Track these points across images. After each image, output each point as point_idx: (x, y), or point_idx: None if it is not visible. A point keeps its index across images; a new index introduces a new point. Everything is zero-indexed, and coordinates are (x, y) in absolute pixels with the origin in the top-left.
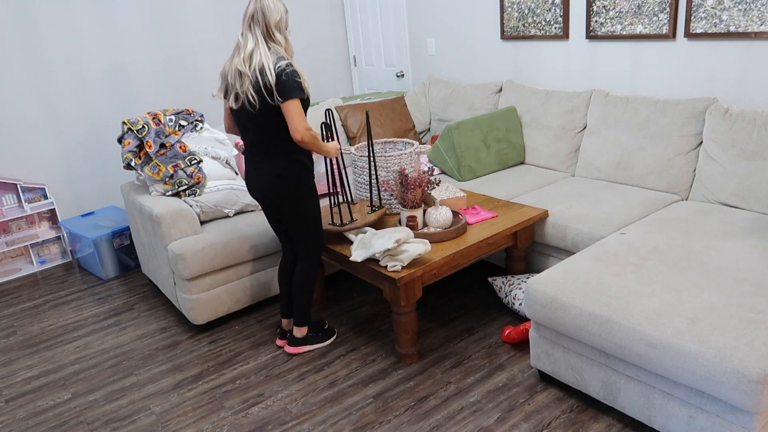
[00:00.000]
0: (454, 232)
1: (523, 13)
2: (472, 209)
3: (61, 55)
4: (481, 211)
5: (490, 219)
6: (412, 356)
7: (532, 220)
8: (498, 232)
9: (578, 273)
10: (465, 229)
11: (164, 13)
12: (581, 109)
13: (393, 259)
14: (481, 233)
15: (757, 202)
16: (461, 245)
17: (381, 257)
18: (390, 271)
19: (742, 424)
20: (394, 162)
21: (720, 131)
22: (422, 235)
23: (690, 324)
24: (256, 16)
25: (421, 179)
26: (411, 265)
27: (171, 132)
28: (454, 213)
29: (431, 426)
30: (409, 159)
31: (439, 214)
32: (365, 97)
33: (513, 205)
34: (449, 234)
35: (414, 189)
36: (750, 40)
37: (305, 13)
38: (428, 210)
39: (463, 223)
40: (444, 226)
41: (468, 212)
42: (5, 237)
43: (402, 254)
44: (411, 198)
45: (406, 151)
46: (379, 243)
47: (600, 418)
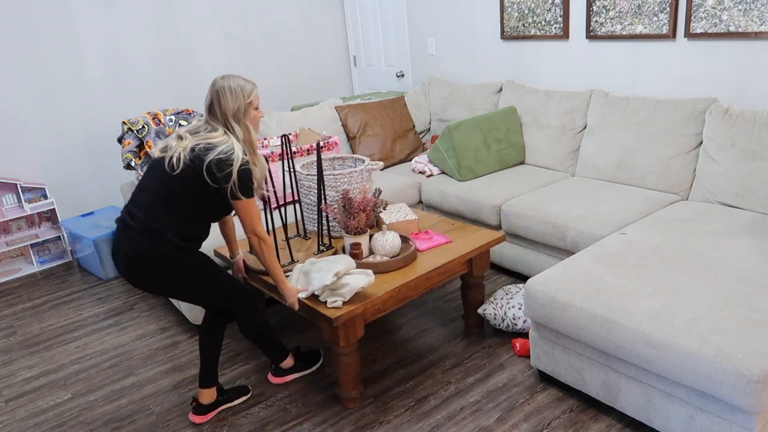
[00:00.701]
0: (402, 260)
1: (523, 13)
2: (425, 234)
3: (61, 55)
4: (434, 235)
5: (443, 245)
6: (354, 400)
7: (489, 245)
8: (451, 259)
9: (578, 273)
10: (414, 257)
11: (164, 13)
12: (581, 109)
13: (333, 294)
14: (433, 261)
15: (757, 202)
16: (409, 276)
17: (320, 292)
18: (330, 308)
19: (742, 424)
20: (342, 181)
21: (720, 131)
22: (366, 264)
23: (690, 324)
24: (213, 108)
25: (365, 203)
26: (352, 300)
27: (171, 132)
28: (403, 239)
29: (431, 426)
30: (359, 178)
31: (385, 241)
32: (365, 97)
33: (468, 228)
34: (396, 263)
35: (357, 214)
36: (750, 40)
37: (305, 13)
38: (374, 236)
39: (412, 251)
40: (391, 253)
41: (420, 237)
42: (5, 237)
43: (343, 288)
44: (354, 224)
45: (357, 169)
46: (317, 278)
47: (600, 418)
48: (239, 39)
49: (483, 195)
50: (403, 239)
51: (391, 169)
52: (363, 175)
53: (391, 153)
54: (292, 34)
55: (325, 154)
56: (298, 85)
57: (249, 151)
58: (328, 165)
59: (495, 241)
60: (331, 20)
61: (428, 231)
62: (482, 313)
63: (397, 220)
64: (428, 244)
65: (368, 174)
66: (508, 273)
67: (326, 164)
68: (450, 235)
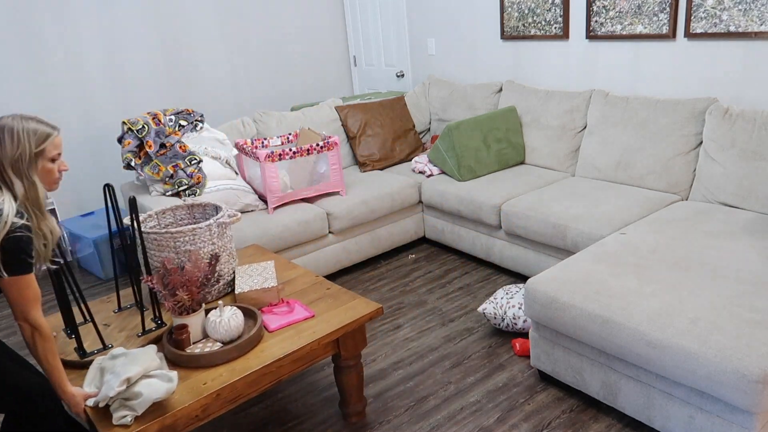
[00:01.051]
0: (235, 350)
1: (523, 13)
2: (285, 305)
3: (62, 55)
4: (296, 307)
5: (302, 321)
6: None
7: (361, 320)
8: (304, 344)
9: (578, 273)
10: (256, 342)
11: (164, 13)
12: (581, 109)
13: (124, 405)
14: (282, 347)
15: (757, 202)
16: (242, 372)
17: (111, 402)
18: (117, 425)
19: (742, 424)
20: (185, 240)
21: (720, 131)
22: (184, 357)
23: (690, 324)
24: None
25: (191, 276)
26: (150, 413)
27: (171, 132)
28: (249, 315)
29: (431, 426)
30: (206, 235)
31: (220, 324)
32: (365, 97)
33: (344, 296)
34: (226, 354)
35: (182, 289)
36: (750, 40)
37: (305, 13)
38: (209, 315)
39: (253, 335)
40: (230, 337)
41: (278, 309)
42: None
43: (137, 399)
44: (171, 304)
45: (201, 225)
46: (107, 383)
47: (600, 418)
48: (239, 39)
49: (483, 195)
50: (249, 316)
51: (391, 169)
52: (212, 231)
53: (391, 153)
54: (292, 33)
55: (193, 199)
56: (298, 85)
57: (32, 213)
58: (185, 215)
59: (369, 315)
60: (331, 20)
61: (289, 301)
62: (482, 313)
63: (251, 288)
64: (282, 322)
65: (223, 228)
66: (508, 273)
67: (183, 213)
68: (319, 304)
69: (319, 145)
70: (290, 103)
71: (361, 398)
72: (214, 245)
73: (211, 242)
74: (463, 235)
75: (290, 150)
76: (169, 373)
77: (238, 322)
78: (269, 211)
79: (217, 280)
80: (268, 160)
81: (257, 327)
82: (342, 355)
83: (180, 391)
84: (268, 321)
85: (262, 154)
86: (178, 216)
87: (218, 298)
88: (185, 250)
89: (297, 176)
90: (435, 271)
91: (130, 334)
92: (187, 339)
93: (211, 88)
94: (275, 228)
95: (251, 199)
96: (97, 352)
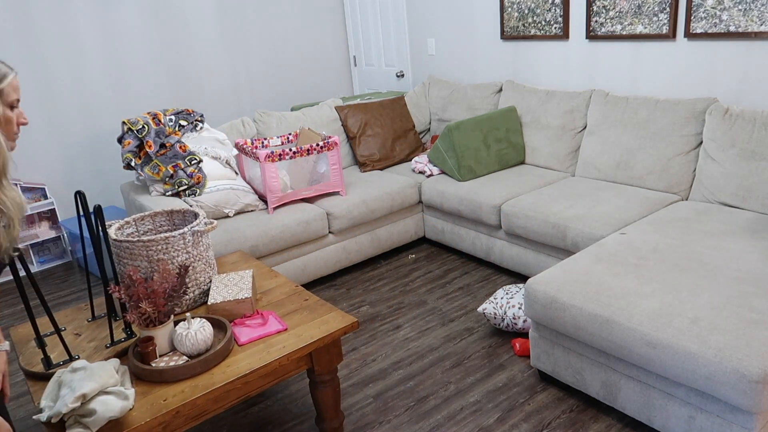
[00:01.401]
0: (200, 365)
1: (523, 13)
2: (259, 316)
3: (62, 55)
4: (270, 319)
5: (275, 334)
6: None
7: (335, 334)
8: (273, 359)
9: (578, 273)
10: (223, 357)
11: (164, 13)
12: (581, 109)
13: (79, 422)
14: (249, 362)
15: (757, 202)
16: (205, 388)
17: (66, 418)
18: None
19: (742, 424)
20: (157, 249)
21: (720, 131)
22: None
23: (690, 324)
24: None
25: (157, 287)
26: (107, 429)
27: (171, 132)
28: (220, 328)
29: (431, 426)
30: (179, 244)
31: (186, 337)
32: (365, 97)
33: (320, 309)
34: (190, 369)
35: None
36: (750, 40)
37: (305, 13)
38: (177, 327)
39: (220, 349)
40: (197, 351)
41: (251, 321)
42: None
43: (91, 416)
44: (133, 317)
45: (175, 234)
46: (61, 398)
47: (600, 418)
48: (239, 39)
49: (483, 195)
50: (219, 328)
51: (391, 169)
52: (186, 240)
53: (391, 153)
54: (292, 33)
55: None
56: (298, 85)
57: None
58: (164, 221)
59: (344, 329)
60: (331, 20)
61: (263, 313)
62: (483, 313)
63: (224, 299)
64: (254, 335)
65: (195, 238)
66: (508, 273)
67: (162, 220)
68: (294, 317)
69: (319, 145)
70: (290, 103)
71: (338, 414)
72: (188, 254)
73: (185, 251)
74: (463, 235)
75: (290, 150)
76: (126, 391)
77: (205, 335)
78: (269, 211)
79: (184, 292)
80: (268, 160)
81: (225, 340)
82: (316, 370)
83: (139, 407)
84: (240, 333)
85: (262, 154)
86: (158, 222)
87: (194, 308)
88: (158, 259)
89: (297, 176)
90: (435, 271)
91: (99, 345)
92: (153, 352)
93: (211, 88)
94: (275, 228)
95: (251, 199)
96: (62, 363)
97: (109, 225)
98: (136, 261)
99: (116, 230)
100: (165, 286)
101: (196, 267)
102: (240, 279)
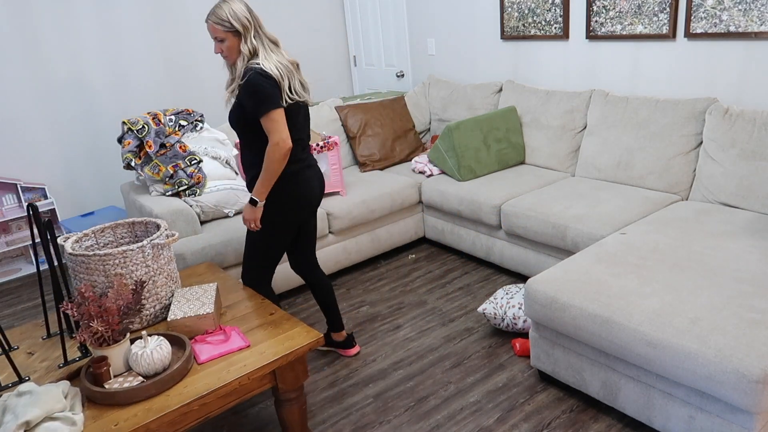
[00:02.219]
0: (155, 386)
1: (523, 13)
2: (221, 332)
3: (62, 55)
4: (232, 335)
5: (236, 351)
6: None
7: (299, 351)
8: (233, 379)
9: (578, 273)
10: (180, 377)
11: (164, 13)
12: (581, 109)
13: None
14: (207, 382)
15: (757, 202)
16: (159, 411)
17: None
18: None
19: (742, 424)
20: (115, 263)
21: (720, 131)
22: (102, 394)
23: (690, 324)
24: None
25: (110, 305)
26: None
27: (171, 132)
28: (179, 345)
29: (431, 426)
30: (137, 258)
31: (142, 356)
32: (365, 97)
33: (284, 324)
34: (144, 391)
35: (98, 320)
36: (750, 40)
37: (305, 13)
38: (133, 346)
39: (177, 369)
40: (154, 371)
41: (213, 338)
42: (5, 237)
43: None
44: (83, 336)
45: (132, 247)
46: (6, 424)
47: (600, 418)
48: None
49: (483, 195)
50: (179, 346)
51: (391, 169)
52: (146, 253)
53: (391, 153)
54: (292, 34)
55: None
56: None
57: None
58: (126, 233)
59: (308, 346)
60: (331, 20)
61: (226, 329)
62: (483, 313)
63: (185, 315)
64: (214, 353)
65: (155, 251)
66: (508, 273)
67: (124, 231)
68: (257, 333)
69: (319, 145)
70: None
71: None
72: (148, 268)
73: (144, 265)
74: (463, 235)
75: None
76: (74, 416)
77: (162, 354)
78: None
79: (140, 309)
80: None
81: (183, 359)
82: (280, 388)
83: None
84: (200, 351)
85: None
86: (119, 234)
87: (154, 323)
88: (116, 273)
89: None
90: (435, 271)
91: (51, 365)
92: (107, 373)
93: (212, 88)
94: None
95: None
96: (11, 385)
97: (66, 237)
98: (92, 276)
99: (74, 243)
100: (120, 303)
101: (157, 281)
102: (203, 293)
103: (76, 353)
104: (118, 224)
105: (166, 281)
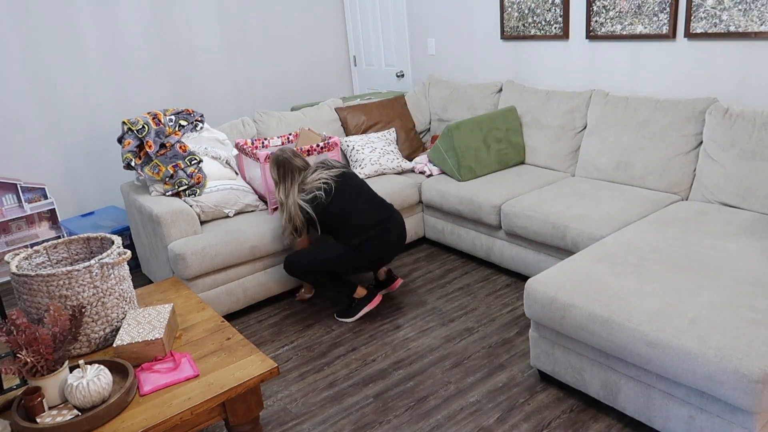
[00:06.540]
0: (87, 422)
1: (523, 13)
2: (171, 359)
3: (62, 54)
4: (182, 363)
5: (184, 381)
6: None
7: (251, 383)
8: (176, 414)
9: (578, 273)
10: (117, 411)
11: (164, 13)
12: (581, 109)
13: None
14: (146, 417)
15: (757, 202)
16: None
17: None
18: None
19: (742, 424)
20: (59, 285)
21: (720, 131)
22: (30, 430)
23: (690, 324)
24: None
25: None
26: None
27: (171, 132)
28: (121, 375)
29: (431, 426)
30: (87, 278)
31: (77, 388)
32: (365, 97)
33: (239, 351)
34: (75, 427)
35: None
36: (750, 40)
37: (305, 13)
38: (70, 376)
39: (114, 402)
40: (91, 403)
41: (161, 365)
42: (5, 237)
43: None
44: (7, 368)
45: (78, 267)
46: None
47: (600, 418)
48: (239, 39)
49: (483, 195)
50: (122, 374)
51: None
52: (93, 273)
53: None
54: (292, 34)
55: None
56: (298, 85)
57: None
58: (81, 249)
59: (261, 377)
60: (331, 20)
61: (176, 356)
62: None
63: (132, 340)
64: (160, 382)
65: (104, 271)
66: (508, 273)
67: (79, 247)
68: (210, 359)
69: (319, 145)
70: (290, 103)
71: None
72: (96, 289)
73: (92, 286)
74: (463, 235)
75: None
76: None
77: (100, 385)
78: (269, 211)
79: (75, 338)
80: (268, 160)
81: (123, 391)
82: (231, 422)
83: None
84: (144, 381)
85: (262, 155)
86: (73, 251)
87: (104, 347)
88: (60, 295)
89: None
90: (435, 271)
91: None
92: (40, 405)
93: (211, 88)
94: (275, 228)
95: (251, 199)
96: None
97: (16, 253)
98: (35, 297)
99: (22, 260)
100: (55, 331)
101: (107, 302)
102: (156, 315)
103: (14, 381)
104: (72, 240)
105: (117, 302)
